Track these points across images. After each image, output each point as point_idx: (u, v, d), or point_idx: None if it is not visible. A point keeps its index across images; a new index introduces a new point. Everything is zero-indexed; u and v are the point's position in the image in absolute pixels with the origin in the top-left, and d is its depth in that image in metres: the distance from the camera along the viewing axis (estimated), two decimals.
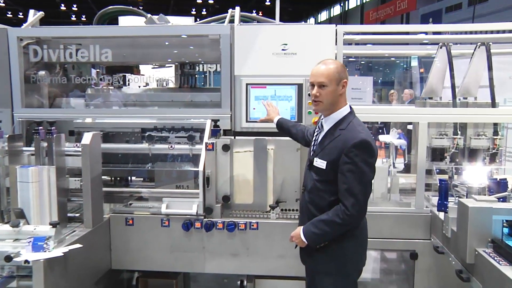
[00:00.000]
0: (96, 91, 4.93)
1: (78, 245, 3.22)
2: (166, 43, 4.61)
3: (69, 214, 3.73)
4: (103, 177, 3.93)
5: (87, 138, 3.55)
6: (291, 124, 3.62)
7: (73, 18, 42.90)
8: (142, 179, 4.63)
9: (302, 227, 2.90)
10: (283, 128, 3.64)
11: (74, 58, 4.29)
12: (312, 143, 3.00)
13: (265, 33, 4.06)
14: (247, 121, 4.12)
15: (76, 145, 3.90)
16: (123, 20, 8.09)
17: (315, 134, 3.01)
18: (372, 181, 2.84)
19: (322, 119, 2.96)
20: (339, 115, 2.85)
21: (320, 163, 2.81)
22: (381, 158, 4.61)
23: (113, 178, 4.47)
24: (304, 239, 2.86)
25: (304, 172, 3.11)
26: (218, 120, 4.13)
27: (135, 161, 4.38)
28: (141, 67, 5.51)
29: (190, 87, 4.97)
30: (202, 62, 5.66)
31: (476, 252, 2.99)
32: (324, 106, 2.86)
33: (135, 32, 4.30)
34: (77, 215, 3.81)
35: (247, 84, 4.08)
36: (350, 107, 2.90)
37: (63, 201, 3.60)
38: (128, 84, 4.98)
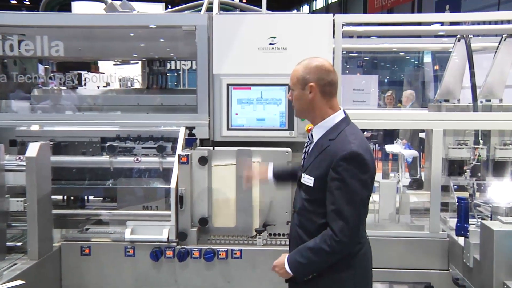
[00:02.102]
0: (44, 92, 4.89)
1: (19, 282, 3.16)
2: (131, 35, 4.60)
3: (8, 243, 3.68)
4: (53, 197, 3.89)
5: (33, 149, 3.51)
6: (289, 165, 3.52)
7: (14, 1, 41.60)
8: (101, 198, 4.60)
9: (287, 255, 2.90)
10: (281, 175, 3.39)
11: (16, 51, 4.25)
12: (303, 157, 3.00)
13: (249, 23, 4.08)
14: (228, 129, 4.12)
15: (19, 158, 3.86)
16: (78, 6, 8.07)
17: (305, 146, 3.00)
18: (369, 200, 2.82)
19: (311, 131, 2.95)
20: (329, 123, 2.83)
21: (307, 179, 2.81)
22: (388, 172, 4.64)
23: (65, 198, 4.42)
24: (288, 270, 2.84)
25: (295, 190, 3.10)
26: (194, 128, 4.13)
27: (93, 177, 4.35)
28: (101, 63, 5.50)
29: (160, 88, 4.97)
30: (175, 58, 5.68)
31: (505, 286, 3.00)
32: (298, 112, 2.95)
33: (92, 21, 4.28)
34: (19, 244, 3.76)
35: (228, 85, 4.09)
36: (345, 113, 2.90)
37: (1, 227, 3.55)
38: (85, 84, 4.95)
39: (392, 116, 4.67)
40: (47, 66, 5.62)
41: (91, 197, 4.57)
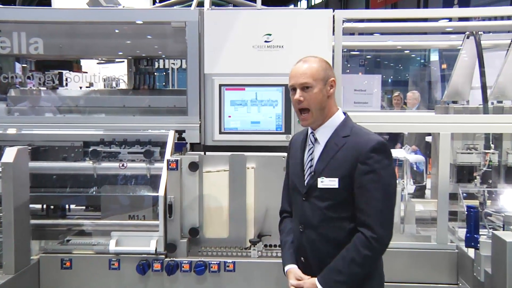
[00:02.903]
0: (22, 92, 4.88)
1: None
2: (116, 32, 4.61)
3: None
4: (31, 205, 3.88)
5: (9, 154, 3.50)
6: (288, 238, 3.11)
7: None
8: (84, 207, 4.59)
9: (314, 279, 2.79)
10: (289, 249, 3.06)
11: None
12: (306, 164, 2.92)
13: (243, 20, 4.09)
14: (220, 133, 4.13)
15: None
16: (58, 1, 8.05)
17: (308, 151, 2.94)
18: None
19: (311, 133, 2.92)
20: (334, 122, 2.87)
21: (329, 182, 2.78)
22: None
23: (45, 207, 4.41)
24: None
25: (295, 207, 3.00)
26: (184, 131, 4.12)
27: (75, 185, 4.34)
28: (83, 62, 5.49)
29: (147, 89, 4.96)
30: (163, 56, 5.68)
31: None
32: (314, 115, 2.83)
33: (74, 17, 4.28)
34: None
35: (220, 85, 4.09)
36: (344, 113, 2.93)
37: None
38: (66, 84, 4.95)
39: (396, 118, 4.68)
40: (25, 65, 5.62)
41: (72, 206, 4.56)
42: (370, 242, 2.64)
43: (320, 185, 2.80)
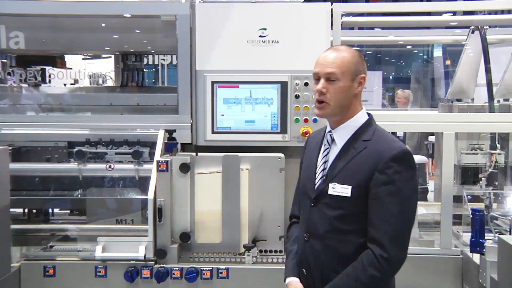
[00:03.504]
0: (1, 89, 4.86)
1: None
2: (103, 26, 4.60)
3: None
4: (12, 210, 3.87)
5: None
6: (294, 247, 3.04)
7: None
8: (68, 211, 4.57)
9: None
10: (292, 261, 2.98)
11: None
12: (319, 166, 2.81)
13: (237, 13, 4.09)
14: (213, 132, 4.14)
15: None
16: None
17: (323, 152, 2.82)
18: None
19: (329, 132, 2.80)
20: (357, 122, 2.74)
21: (341, 189, 2.64)
22: None
23: (26, 212, 4.40)
24: None
25: (302, 212, 2.89)
26: (175, 131, 4.13)
27: (59, 187, 4.33)
28: (68, 57, 5.47)
29: (135, 86, 4.95)
30: (152, 52, 5.67)
31: None
32: (332, 109, 2.69)
33: (58, 9, 4.27)
34: None
35: (213, 82, 4.10)
36: (368, 113, 2.82)
37: None
38: (49, 81, 4.93)
39: (398, 117, 4.67)
40: (5, 60, 5.58)
41: (56, 210, 4.54)
42: (378, 262, 2.52)
43: (331, 191, 2.67)
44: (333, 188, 2.66)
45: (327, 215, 2.67)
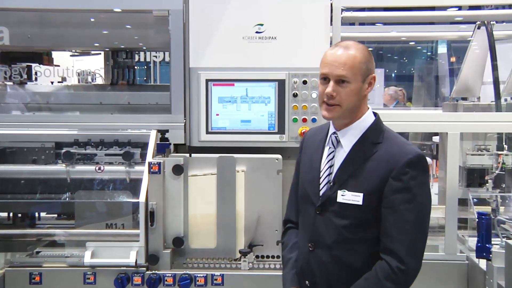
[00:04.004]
0: None
1: None
2: (92, 21, 4.60)
3: None
4: None
5: None
6: (292, 255, 3.00)
7: None
8: (55, 215, 4.57)
9: None
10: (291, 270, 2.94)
11: None
12: (324, 170, 2.73)
13: (232, 8, 4.09)
14: (207, 132, 4.13)
15: None
16: None
17: (328, 154, 2.76)
18: None
19: (333, 133, 2.74)
20: (365, 123, 2.69)
21: (351, 197, 2.60)
22: None
23: (11, 216, 4.39)
24: None
25: (304, 220, 2.83)
26: (167, 131, 4.13)
27: (46, 190, 4.32)
28: (55, 54, 5.46)
29: (126, 84, 4.95)
30: (144, 48, 5.67)
31: None
32: (343, 112, 2.63)
33: (44, 3, 4.25)
34: None
35: (207, 80, 4.10)
36: (374, 113, 2.77)
37: None
38: (36, 79, 4.93)
39: (400, 117, 4.66)
40: None
41: (43, 214, 4.54)
42: (395, 274, 2.48)
43: (340, 198, 2.62)
44: (342, 195, 2.62)
45: (335, 224, 2.63)
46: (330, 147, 2.73)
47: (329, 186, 2.67)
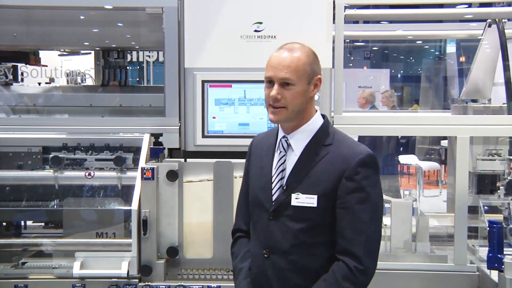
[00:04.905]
0: None
1: None
2: (81, 18, 4.61)
3: None
4: None
5: None
6: (245, 264, 2.99)
7: None
8: (43, 224, 4.57)
9: None
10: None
11: None
12: (276, 174, 2.81)
13: (230, 5, 4.11)
14: (203, 136, 4.14)
15: None
16: None
17: (279, 159, 2.84)
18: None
19: (283, 137, 2.83)
20: (314, 125, 2.79)
21: (305, 199, 2.69)
22: (402, 189, 4.66)
23: None
24: None
25: (257, 226, 2.86)
26: (161, 135, 4.14)
27: (33, 197, 4.32)
28: (42, 53, 5.48)
29: (118, 85, 4.96)
30: (137, 48, 5.67)
31: None
32: (289, 114, 2.74)
33: (31, 0, 4.28)
34: None
35: (203, 82, 4.11)
36: (323, 115, 2.86)
37: None
38: (22, 80, 4.94)
39: (407, 120, 4.67)
40: None
41: (29, 223, 4.55)
42: (354, 274, 2.57)
43: (294, 202, 2.70)
44: (296, 198, 2.69)
45: (291, 229, 2.70)
46: (281, 151, 2.81)
47: (282, 191, 2.74)
